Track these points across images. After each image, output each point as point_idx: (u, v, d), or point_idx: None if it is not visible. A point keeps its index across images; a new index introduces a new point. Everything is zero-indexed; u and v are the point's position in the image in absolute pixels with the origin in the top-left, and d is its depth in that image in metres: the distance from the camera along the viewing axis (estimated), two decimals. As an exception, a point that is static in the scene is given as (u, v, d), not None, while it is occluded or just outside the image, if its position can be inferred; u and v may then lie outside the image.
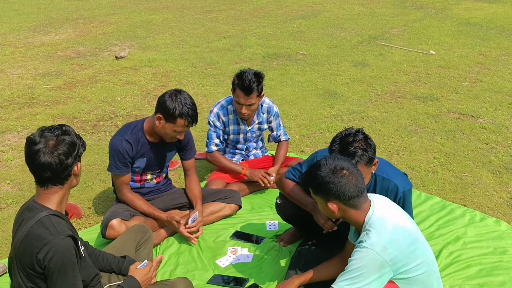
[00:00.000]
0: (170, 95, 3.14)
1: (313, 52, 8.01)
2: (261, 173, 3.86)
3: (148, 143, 3.30)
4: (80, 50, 8.30)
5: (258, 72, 3.64)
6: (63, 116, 5.55)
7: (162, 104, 3.14)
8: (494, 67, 7.12)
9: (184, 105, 3.11)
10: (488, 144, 4.76)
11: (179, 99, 3.11)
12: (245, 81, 3.57)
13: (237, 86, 3.63)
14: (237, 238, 3.39)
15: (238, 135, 3.96)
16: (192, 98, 3.20)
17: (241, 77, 3.60)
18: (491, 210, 3.68)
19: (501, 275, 2.95)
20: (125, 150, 3.20)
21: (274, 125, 4.03)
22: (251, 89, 3.59)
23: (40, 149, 2.07)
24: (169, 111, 3.10)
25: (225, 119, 3.86)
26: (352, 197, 2.23)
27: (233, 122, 3.89)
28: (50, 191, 2.13)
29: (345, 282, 2.18)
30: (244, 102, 3.64)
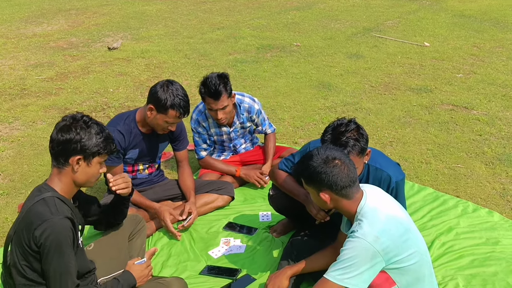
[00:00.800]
0: (161, 85, 3.11)
1: (307, 44, 7.98)
2: (256, 174, 3.83)
3: (141, 134, 3.28)
4: (73, 41, 8.23)
5: (221, 74, 3.57)
6: (55, 107, 5.50)
7: (153, 94, 3.11)
8: (488, 59, 7.11)
9: (176, 96, 3.08)
10: (481, 135, 4.76)
11: (170, 90, 3.08)
12: (210, 87, 3.50)
13: (205, 94, 3.56)
14: (230, 229, 3.37)
15: (221, 136, 3.93)
16: (184, 89, 3.17)
17: (206, 84, 3.52)
18: (484, 201, 3.69)
19: (493, 265, 2.95)
20: (117, 141, 3.17)
21: (258, 122, 3.98)
22: (219, 93, 3.52)
23: (57, 124, 2.23)
24: (161, 102, 3.07)
25: (205, 124, 3.82)
26: (344, 187, 2.22)
27: (214, 126, 3.85)
28: (54, 171, 2.23)
29: (337, 272, 2.17)
30: (216, 107, 3.58)
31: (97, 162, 2.27)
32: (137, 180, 3.45)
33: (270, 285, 2.59)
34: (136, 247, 2.83)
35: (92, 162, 2.25)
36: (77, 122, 2.22)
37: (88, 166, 2.25)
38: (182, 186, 3.50)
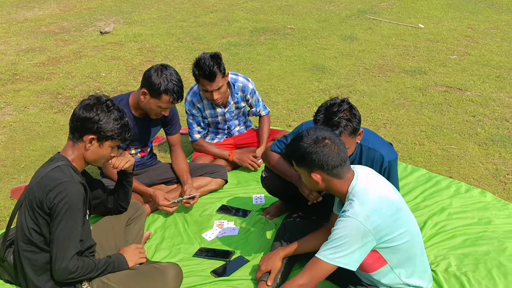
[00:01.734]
0: (155, 70, 3.08)
1: (301, 26, 7.92)
2: (249, 158, 3.82)
3: (134, 118, 3.25)
4: (64, 26, 8.14)
5: (213, 54, 3.53)
6: (47, 92, 5.46)
7: (147, 79, 3.08)
8: (482, 40, 7.09)
9: (170, 81, 3.05)
10: (475, 116, 4.76)
11: (164, 74, 3.05)
12: (204, 68, 3.46)
13: (199, 76, 3.53)
14: (223, 211, 3.38)
15: (216, 118, 3.90)
16: (178, 74, 3.14)
17: (199, 65, 3.49)
18: (476, 182, 3.70)
19: (485, 245, 2.97)
20: None
21: (252, 102, 3.97)
22: (214, 74, 3.49)
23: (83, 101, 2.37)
24: (154, 86, 3.04)
25: (200, 105, 3.79)
26: (335, 167, 2.22)
27: (209, 107, 3.82)
28: (69, 144, 2.36)
29: (328, 252, 2.18)
30: (212, 89, 3.55)
31: (108, 145, 2.38)
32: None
33: (263, 266, 2.60)
34: (133, 233, 2.84)
35: (104, 145, 2.37)
36: (100, 104, 2.34)
37: (99, 147, 2.36)
38: (177, 169, 3.49)
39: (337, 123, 2.47)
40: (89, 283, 2.35)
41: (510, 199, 3.48)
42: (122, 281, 2.38)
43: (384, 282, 2.33)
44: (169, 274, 2.44)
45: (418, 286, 2.36)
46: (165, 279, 2.42)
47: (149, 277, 2.41)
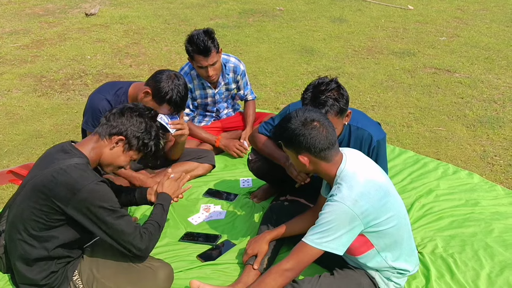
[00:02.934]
0: (168, 77, 3.00)
1: (290, 8, 7.84)
2: (235, 145, 3.78)
3: None
4: (49, 7, 7.98)
5: (206, 30, 3.50)
6: (30, 75, 5.36)
7: (156, 82, 3.00)
8: (472, 21, 7.06)
9: (177, 93, 2.98)
10: (463, 98, 4.75)
11: (174, 84, 2.98)
12: (199, 43, 3.43)
13: (193, 52, 3.48)
14: (210, 195, 3.35)
15: (205, 99, 3.85)
16: (187, 88, 3.08)
17: (193, 41, 3.44)
18: (464, 163, 3.70)
19: (472, 226, 2.97)
20: (105, 110, 3.08)
21: (241, 84, 3.92)
22: (209, 49, 3.45)
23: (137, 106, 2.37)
24: (161, 92, 2.97)
25: (191, 85, 3.73)
26: (323, 149, 2.18)
27: (199, 87, 3.78)
28: (92, 138, 2.29)
29: (315, 236, 2.15)
30: (206, 64, 3.51)
31: (131, 155, 2.33)
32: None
33: (250, 249, 2.58)
34: None
35: (128, 153, 2.31)
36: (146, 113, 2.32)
37: (123, 152, 2.30)
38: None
39: (324, 102, 2.43)
40: (79, 274, 2.32)
41: (497, 180, 3.49)
42: (112, 277, 2.33)
43: (370, 266, 2.32)
44: (161, 274, 2.37)
45: (404, 269, 2.35)
46: (156, 279, 2.36)
47: (139, 275, 2.35)
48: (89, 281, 2.31)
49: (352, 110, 2.68)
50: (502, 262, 2.66)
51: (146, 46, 6.25)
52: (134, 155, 2.33)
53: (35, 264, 2.24)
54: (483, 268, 2.63)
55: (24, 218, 2.17)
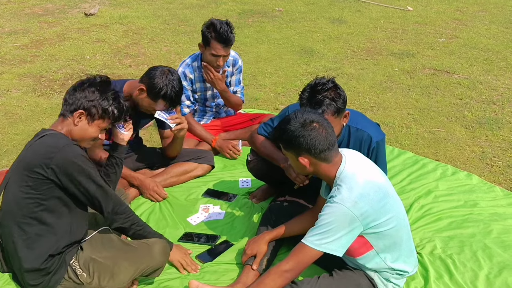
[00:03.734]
0: (161, 73, 3.00)
1: (289, 9, 7.84)
2: (228, 147, 3.77)
3: None
4: (48, 7, 7.98)
5: (227, 22, 3.55)
6: (30, 75, 5.36)
7: (150, 78, 3.01)
8: (471, 23, 7.07)
9: (171, 88, 2.99)
10: (462, 99, 4.75)
11: (168, 79, 2.99)
12: (223, 32, 3.46)
13: (213, 39, 3.50)
14: (209, 196, 3.35)
15: (205, 92, 3.86)
16: (181, 83, 3.09)
17: (217, 29, 3.47)
18: (463, 164, 3.70)
19: (471, 227, 2.98)
20: None
21: (234, 80, 3.92)
22: (230, 40, 3.51)
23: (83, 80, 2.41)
24: (155, 88, 2.98)
25: (192, 76, 3.75)
26: (323, 150, 2.19)
27: (199, 80, 3.79)
28: (59, 120, 2.36)
29: (315, 237, 2.15)
30: (223, 54, 3.55)
31: (97, 124, 2.37)
32: (115, 147, 3.38)
33: (249, 250, 2.58)
34: None
35: (94, 123, 2.36)
36: (96, 83, 2.37)
37: (88, 124, 2.35)
38: None
39: (320, 101, 2.44)
40: (76, 258, 2.34)
41: (496, 181, 3.49)
42: (109, 256, 2.37)
43: (369, 267, 2.32)
44: (156, 249, 2.43)
45: (403, 270, 2.36)
46: (152, 253, 2.42)
47: (136, 251, 2.40)
48: (86, 263, 2.34)
49: (351, 111, 2.69)
50: (501, 263, 2.67)
51: (145, 46, 6.25)
52: (101, 123, 2.38)
53: (34, 245, 2.27)
54: (482, 269, 2.63)
55: (18, 200, 2.23)
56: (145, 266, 2.38)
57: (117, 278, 2.33)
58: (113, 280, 2.32)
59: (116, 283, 2.32)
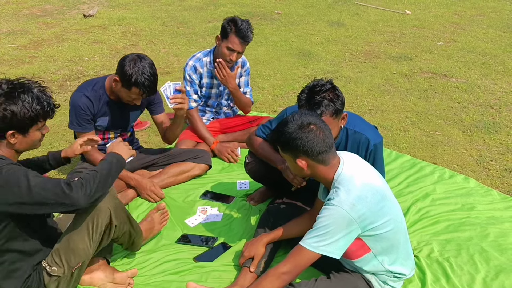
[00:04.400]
0: (130, 60, 2.96)
1: (288, 12, 7.86)
2: (227, 151, 3.77)
3: (110, 101, 3.18)
4: (47, 8, 7.98)
5: (248, 21, 3.62)
6: (28, 75, 5.31)
7: (121, 67, 2.98)
8: (469, 27, 7.09)
9: (142, 74, 2.94)
10: (460, 103, 4.77)
11: (137, 66, 2.94)
12: (244, 29, 3.52)
13: (233, 32, 3.54)
14: (207, 197, 3.35)
15: (210, 89, 3.88)
16: (153, 67, 3.01)
17: (238, 24, 3.53)
18: (460, 168, 3.71)
19: (468, 230, 2.98)
20: (86, 106, 3.09)
21: (243, 81, 3.95)
22: (248, 36, 3.56)
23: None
24: (125, 76, 2.95)
25: (202, 70, 3.79)
26: (320, 152, 2.19)
27: (208, 75, 3.82)
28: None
29: (312, 240, 2.16)
30: (238, 49, 3.59)
31: (35, 129, 2.21)
32: (109, 147, 3.37)
33: (246, 252, 2.59)
34: None
35: (30, 132, 2.20)
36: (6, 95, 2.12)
37: (25, 137, 2.20)
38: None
39: (319, 102, 2.44)
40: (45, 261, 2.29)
41: (493, 185, 3.50)
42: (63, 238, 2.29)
43: (367, 269, 2.33)
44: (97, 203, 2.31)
45: (401, 273, 2.36)
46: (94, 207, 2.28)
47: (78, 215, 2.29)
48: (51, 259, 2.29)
49: (349, 114, 2.69)
50: (498, 267, 2.67)
51: (144, 48, 6.26)
52: (38, 126, 2.20)
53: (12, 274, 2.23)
54: (479, 272, 2.64)
55: None
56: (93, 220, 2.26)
57: (77, 249, 2.27)
58: (75, 254, 2.27)
59: (80, 255, 2.28)
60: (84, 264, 2.34)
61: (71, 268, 2.28)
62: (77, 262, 2.29)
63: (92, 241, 2.29)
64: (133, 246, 2.66)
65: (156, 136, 4.11)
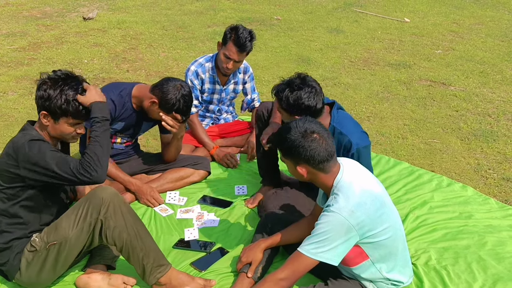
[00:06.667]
0: (175, 88, 3.04)
1: (287, 18, 7.88)
2: (226, 157, 3.76)
3: (132, 109, 3.21)
4: (47, 11, 7.98)
5: (251, 31, 3.59)
6: (27, 77, 5.35)
7: (164, 93, 3.03)
8: (467, 35, 7.13)
9: (184, 103, 3.05)
10: (458, 111, 4.78)
11: (181, 94, 3.04)
12: (241, 37, 3.50)
13: (231, 40, 3.53)
14: (205, 202, 3.34)
15: (212, 95, 3.88)
16: (191, 96, 3.13)
17: (237, 32, 3.51)
18: (458, 176, 3.72)
19: (465, 239, 2.98)
20: (109, 110, 3.10)
21: (249, 88, 3.95)
22: (246, 47, 3.54)
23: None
24: (168, 103, 3.04)
25: (204, 76, 3.78)
26: (321, 161, 2.19)
27: (210, 81, 3.81)
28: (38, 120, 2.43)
29: (311, 246, 2.15)
30: (235, 58, 3.58)
31: (64, 122, 2.38)
32: (113, 151, 3.37)
33: (244, 257, 2.58)
34: None
35: (60, 121, 2.38)
36: (51, 80, 2.33)
37: (55, 123, 2.39)
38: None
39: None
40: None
41: (490, 193, 3.51)
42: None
43: (365, 276, 2.32)
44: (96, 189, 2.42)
45: (398, 281, 2.36)
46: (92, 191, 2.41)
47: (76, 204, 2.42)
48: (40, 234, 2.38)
49: (341, 113, 2.74)
50: (495, 275, 2.67)
51: (143, 51, 6.26)
52: (68, 120, 2.37)
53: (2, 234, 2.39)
54: (476, 280, 2.64)
55: None
56: (87, 205, 2.33)
57: (60, 227, 2.33)
58: (55, 230, 2.33)
59: (59, 233, 2.32)
60: (62, 249, 2.32)
61: (47, 243, 2.32)
62: (54, 239, 2.32)
63: (76, 224, 2.32)
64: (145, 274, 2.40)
65: (155, 140, 4.10)
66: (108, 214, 2.32)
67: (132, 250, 2.36)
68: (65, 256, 2.35)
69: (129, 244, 2.35)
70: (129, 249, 2.36)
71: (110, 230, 2.33)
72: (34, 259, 2.35)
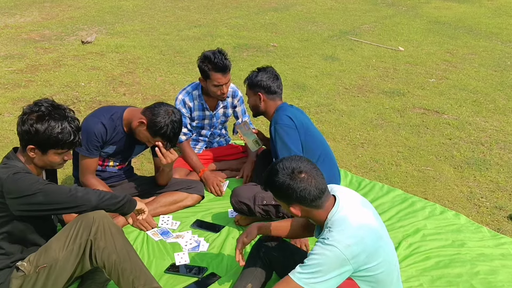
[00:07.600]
0: (166, 112, 3.05)
1: (284, 45, 7.98)
2: (213, 183, 3.75)
3: (123, 133, 3.21)
4: (45, 34, 8.06)
5: (220, 49, 3.61)
6: (23, 99, 5.37)
7: (154, 115, 3.05)
8: (461, 65, 7.23)
9: (171, 130, 3.06)
10: (451, 139, 4.82)
11: (171, 120, 3.05)
12: (218, 62, 3.52)
13: (212, 70, 3.55)
14: (198, 227, 3.33)
15: (203, 121, 3.90)
16: (181, 123, 3.15)
17: (212, 60, 3.52)
18: (451, 204, 3.73)
19: (458, 267, 2.98)
20: (100, 133, 3.12)
21: (239, 111, 3.98)
22: (227, 67, 3.57)
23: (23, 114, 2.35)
24: (156, 126, 3.04)
25: (191, 104, 3.79)
26: (314, 200, 2.18)
27: (198, 108, 3.83)
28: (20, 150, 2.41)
29: (303, 275, 2.13)
30: (224, 82, 3.60)
31: (53, 153, 2.35)
32: (105, 174, 3.38)
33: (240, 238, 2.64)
34: None
35: (48, 153, 2.35)
36: (35, 113, 2.30)
37: (43, 155, 2.35)
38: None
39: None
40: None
41: (483, 222, 3.52)
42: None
43: (356, 307, 2.30)
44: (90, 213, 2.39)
45: (391, 312, 2.33)
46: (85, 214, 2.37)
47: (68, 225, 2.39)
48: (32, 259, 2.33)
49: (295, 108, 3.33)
50: (487, 304, 2.67)
51: (140, 75, 6.31)
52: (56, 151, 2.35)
53: None
54: (468, 309, 2.62)
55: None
56: (78, 225, 2.31)
57: (49, 249, 2.29)
58: (45, 253, 2.29)
59: (49, 255, 2.28)
60: (52, 271, 2.28)
61: (37, 267, 2.28)
62: (44, 262, 2.28)
63: (66, 246, 2.29)
64: None
65: (149, 164, 4.11)
66: (98, 235, 2.30)
67: (122, 272, 2.33)
68: (54, 280, 2.29)
69: (118, 266, 2.32)
70: (119, 272, 2.33)
71: (99, 251, 2.30)
72: (24, 284, 2.29)
